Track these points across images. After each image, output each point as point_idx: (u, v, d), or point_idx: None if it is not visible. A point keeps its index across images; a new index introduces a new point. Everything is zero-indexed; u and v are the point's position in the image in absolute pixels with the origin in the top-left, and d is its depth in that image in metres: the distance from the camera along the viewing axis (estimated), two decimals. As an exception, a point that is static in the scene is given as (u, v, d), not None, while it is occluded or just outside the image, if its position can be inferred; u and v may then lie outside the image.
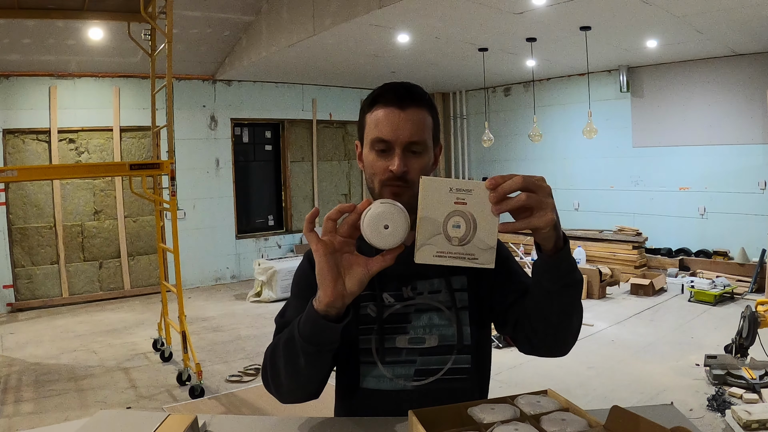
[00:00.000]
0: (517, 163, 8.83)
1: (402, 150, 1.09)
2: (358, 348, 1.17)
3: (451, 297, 1.17)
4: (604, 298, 6.04)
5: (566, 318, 1.05)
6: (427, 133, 1.12)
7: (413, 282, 1.18)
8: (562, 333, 1.07)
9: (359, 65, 6.87)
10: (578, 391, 3.66)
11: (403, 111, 1.10)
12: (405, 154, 1.09)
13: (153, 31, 4.23)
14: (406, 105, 1.10)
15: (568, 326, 1.06)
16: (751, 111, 6.35)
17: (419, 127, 1.10)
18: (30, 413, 3.49)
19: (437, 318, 1.16)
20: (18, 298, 6.22)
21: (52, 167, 5.38)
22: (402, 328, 1.16)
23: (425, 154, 1.12)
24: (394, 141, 1.09)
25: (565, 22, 5.00)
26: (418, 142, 1.10)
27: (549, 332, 1.07)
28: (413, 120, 1.10)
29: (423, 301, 1.17)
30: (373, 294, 1.17)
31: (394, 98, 1.11)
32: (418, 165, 1.11)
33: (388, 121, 1.10)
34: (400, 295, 1.17)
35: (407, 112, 1.10)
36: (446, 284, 1.18)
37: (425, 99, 1.14)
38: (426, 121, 1.12)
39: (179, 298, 3.86)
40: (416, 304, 1.17)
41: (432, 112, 1.15)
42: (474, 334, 1.17)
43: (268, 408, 3.53)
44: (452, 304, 1.17)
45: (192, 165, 7.19)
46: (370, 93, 1.17)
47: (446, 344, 1.15)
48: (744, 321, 3.63)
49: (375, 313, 1.16)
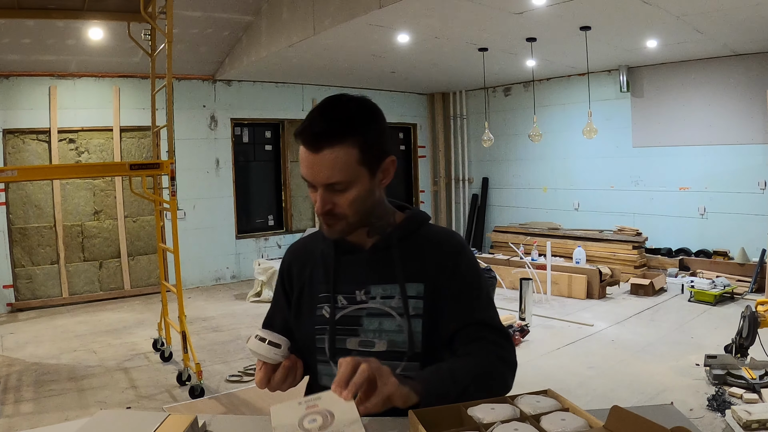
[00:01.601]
0: (517, 163, 8.83)
1: (324, 189, 1.10)
2: (315, 347, 1.21)
3: (404, 303, 1.16)
4: (604, 298, 6.04)
5: (482, 394, 1.02)
6: (348, 170, 1.08)
7: (367, 286, 1.19)
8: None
9: (359, 65, 6.87)
10: (578, 391, 3.66)
11: (317, 154, 1.07)
12: (328, 191, 1.10)
13: (153, 31, 4.23)
14: (320, 147, 1.07)
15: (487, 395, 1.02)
16: (751, 111, 6.35)
17: (336, 167, 1.07)
18: (30, 413, 3.49)
19: (388, 323, 1.16)
20: (18, 298, 6.22)
21: (52, 167, 5.38)
22: (353, 331, 1.18)
23: (352, 188, 1.10)
24: (313, 182, 1.10)
25: (565, 22, 5.00)
26: (338, 182, 1.09)
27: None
28: (328, 163, 1.07)
29: (375, 306, 1.18)
30: (328, 296, 1.21)
31: (307, 140, 1.08)
32: (344, 200, 1.11)
33: (306, 163, 1.09)
34: (353, 298, 1.19)
35: (322, 155, 1.07)
36: (400, 290, 1.17)
37: (345, 134, 1.07)
38: (346, 158, 1.07)
39: (179, 298, 3.86)
40: (368, 308, 1.18)
41: (359, 140, 1.08)
42: (426, 342, 1.16)
43: (268, 408, 3.52)
44: (404, 310, 1.16)
45: (192, 165, 7.19)
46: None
47: (396, 350, 1.15)
48: (744, 321, 3.63)
49: (328, 314, 1.19)
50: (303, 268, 1.28)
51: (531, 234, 7.77)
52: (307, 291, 1.26)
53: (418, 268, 1.19)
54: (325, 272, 1.23)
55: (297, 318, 1.27)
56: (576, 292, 6.10)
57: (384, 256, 1.20)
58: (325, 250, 1.25)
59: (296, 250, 1.35)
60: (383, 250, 1.20)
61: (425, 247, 1.21)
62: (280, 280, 1.34)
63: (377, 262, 1.20)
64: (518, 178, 8.87)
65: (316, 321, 1.21)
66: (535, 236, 7.53)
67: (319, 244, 1.27)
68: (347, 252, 1.22)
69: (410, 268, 1.18)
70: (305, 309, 1.25)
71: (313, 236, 1.33)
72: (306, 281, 1.27)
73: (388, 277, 1.18)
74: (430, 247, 1.21)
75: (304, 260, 1.29)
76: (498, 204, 9.23)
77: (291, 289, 1.30)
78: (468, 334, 1.15)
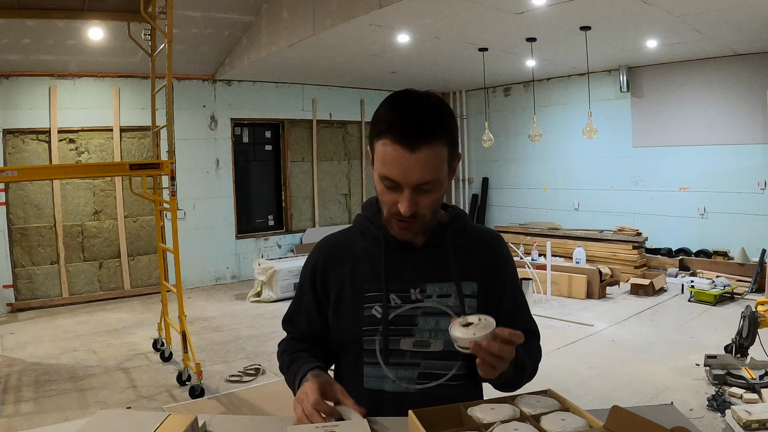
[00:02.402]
0: (517, 163, 8.83)
1: (411, 190, 1.04)
2: (362, 348, 1.16)
3: (460, 302, 1.15)
4: (604, 298, 6.04)
5: (518, 382, 1.16)
6: (441, 168, 1.05)
7: (422, 284, 1.16)
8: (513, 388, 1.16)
9: (359, 65, 6.87)
10: (578, 391, 3.66)
11: (413, 153, 1.01)
12: (415, 193, 1.05)
13: (153, 31, 4.23)
14: (418, 145, 1.01)
15: (519, 384, 1.17)
16: (751, 111, 6.35)
17: (430, 167, 1.03)
18: (30, 413, 3.49)
19: (444, 323, 1.14)
20: (18, 298, 6.22)
21: (52, 167, 5.38)
22: (407, 331, 1.15)
23: (437, 189, 1.07)
24: (402, 183, 1.04)
25: (565, 22, 5.00)
26: (429, 182, 1.04)
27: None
28: (424, 162, 1.02)
29: (431, 305, 1.15)
30: (380, 295, 1.15)
31: (402, 138, 1.01)
32: (428, 201, 1.07)
33: (396, 163, 1.02)
34: (407, 296, 1.15)
35: (418, 154, 1.01)
36: (456, 289, 1.16)
37: (440, 131, 1.03)
38: (440, 156, 1.04)
39: (179, 298, 3.86)
40: (424, 307, 1.15)
41: (449, 138, 1.06)
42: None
43: (268, 408, 3.53)
44: (461, 309, 1.14)
45: (192, 165, 7.19)
46: (383, 109, 1.06)
47: (452, 350, 1.12)
48: (744, 321, 3.63)
49: (380, 314, 1.14)
50: (341, 266, 1.21)
51: (531, 234, 7.77)
52: (348, 290, 1.19)
53: (470, 266, 1.18)
54: (373, 270, 1.17)
55: (336, 318, 1.21)
56: (576, 292, 6.10)
57: (437, 253, 1.18)
58: (369, 247, 1.19)
59: (329, 247, 1.26)
60: (436, 248, 1.18)
61: (473, 246, 1.21)
62: (308, 279, 1.25)
63: (431, 260, 1.17)
64: (518, 178, 8.87)
65: (363, 321, 1.15)
66: (535, 236, 7.53)
67: (359, 242, 1.21)
68: (396, 250, 1.17)
69: (462, 267, 1.18)
70: (346, 309, 1.19)
71: (346, 233, 1.27)
72: (346, 280, 1.19)
73: (443, 276, 1.16)
74: (477, 245, 1.22)
75: (341, 258, 1.22)
76: (498, 204, 9.23)
77: (325, 288, 1.22)
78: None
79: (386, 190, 1.07)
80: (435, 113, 1.04)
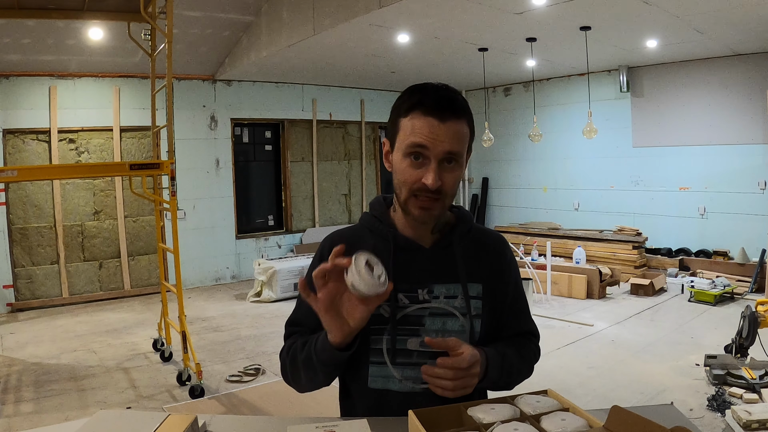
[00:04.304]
0: (517, 163, 8.83)
1: (437, 163, 1.07)
2: (368, 348, 1.16)
3: (466, 303, 1.16)
4: (604, 298, 6.04)
5: (506, 386, 1.20)
6: (464, 144, 1.11)
7: (429, 285, 1.17)
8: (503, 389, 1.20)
9: (359, 65, 6.87)
10: (578, 391, 3.66)
11: (443, 123, 1.07)
12: (440, 167, 1.08)
13: (153, 31, 4.23)
14: (446, 117, 1.07)
15: (508, 386, 1.21)
16: (751, 111, 6.35)
17: (457, 139, 1.08)
18: (30, 413, 3.49)
19: (451, 323, 1.15)
20: (18, 298, 6.22)
21: (52, 167, 5.38)
22: (414, 331, 1.15)
23: (458, 167, 1.11)
24: (431, 151, 1.07)
25: (565, 22, 5.00)
26: (455, 153, 1.08)
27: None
28: (452, 133, 1.07)
29: (438, 305, 1.16)
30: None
31: (434, 109, 1.07)
32: (451, 178, 1.09)
33: (427, 131, 1.06)
34: (415, 297, 1.16)
35: (447, 125, 1.07)
36: (463, 290, 1.17)
37: (465, 110, 1.11)
38: (464, 132, 1.10)
39: (179, 298, 3.86)
40: (431, 308, 1.16)
41: (470, 122, 1.13)
42: (482, 342, 1.17)
43: (268, 408, 3.53)
44: (467, 311, 1.16)
45: (192, 165, 7.19)
46: (407, 94, 1.12)
47: None
48: (744, 321, 3.63)
49: (388, 314, 1.15)
50: None
51: (531, 234, 7.77)
52: None
53: (475, 268, 1.20)
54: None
55: None
56: (576, 292, 6.10)
57: (444, 254, 1.19)
58: (378, 246, 1.18)
59: (338, 242, 1.22)
60: (443, 249, 1.19)
61: (479, 248, 1.23)
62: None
63: (439, 261, 1.18)
64: (518, 178, 8.87)
65: (372, 321, 1.13)
66: (535, 236, 7.53)
67: (368, 239, 1.21)
68: (405, 249, 1.18)
69: (468, 268, 1.19)
70: None
71: (354, 230, 1.27)
72: None
73: (450, 277, 1.17)
74: (483, 248, 1.23)
75: (349, 254, 1.21)
76: (498, 204, 9.23)
77: None
78: (518, 338, 1.29)
79: (409, 168, 1.09)
80: (458, 95, 1.12)
